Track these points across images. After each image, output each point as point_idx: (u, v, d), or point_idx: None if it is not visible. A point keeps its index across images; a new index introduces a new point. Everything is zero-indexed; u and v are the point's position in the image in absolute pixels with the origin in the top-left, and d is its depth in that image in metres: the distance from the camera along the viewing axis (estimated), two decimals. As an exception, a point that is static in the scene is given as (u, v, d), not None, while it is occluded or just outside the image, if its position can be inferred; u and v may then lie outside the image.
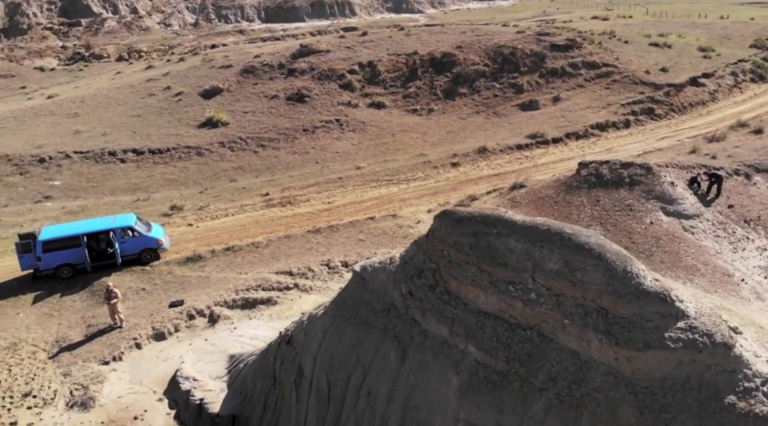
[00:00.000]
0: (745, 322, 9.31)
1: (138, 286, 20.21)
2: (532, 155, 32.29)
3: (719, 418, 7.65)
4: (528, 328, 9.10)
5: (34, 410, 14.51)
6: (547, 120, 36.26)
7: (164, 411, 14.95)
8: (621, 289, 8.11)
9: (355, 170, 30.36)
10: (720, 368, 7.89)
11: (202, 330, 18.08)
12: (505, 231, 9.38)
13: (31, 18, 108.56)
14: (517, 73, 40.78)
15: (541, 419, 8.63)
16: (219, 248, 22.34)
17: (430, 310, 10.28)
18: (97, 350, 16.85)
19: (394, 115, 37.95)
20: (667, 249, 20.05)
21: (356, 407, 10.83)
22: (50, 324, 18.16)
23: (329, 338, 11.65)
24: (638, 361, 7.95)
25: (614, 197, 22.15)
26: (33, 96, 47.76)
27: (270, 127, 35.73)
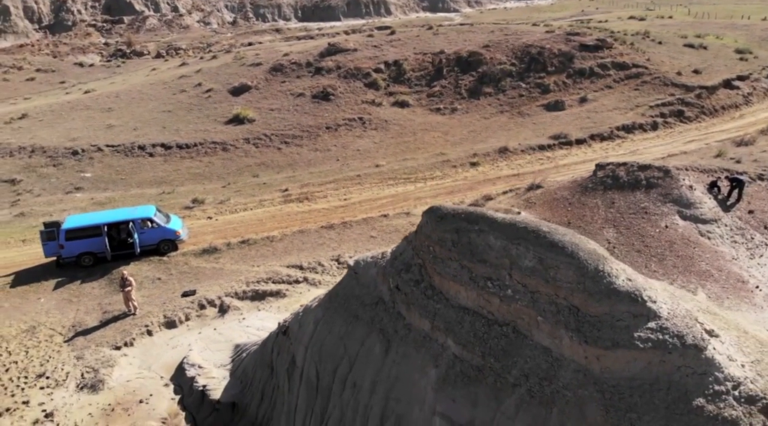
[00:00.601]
0: (729, 326, 9.18)
1: (154, 276, 20.87)
2: (553, 156, 31.99)
3: (686, 420, 7.61)
4: (504, 324, 9.17)
5: (46, 390, 15.19)
6: (572, 121, 35.83)
7: (169, 396, 15.46)
8: (592, 287, 8.12)
9: (374, 168, 30.60)
10: (690, 370, 7.83)
11: (212, 320, 18.58)
12: (485, 228, 9.47)
13: (76, 15, 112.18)
14: (544, 73, 40.39)
15: (513, 415, 8.71)
16: (234, 241, 22.87)
17: (414, 305, 10.43)
18: (110, 336, 17.50)
19: (417, 114, 38.05)
20: (680, 253, 19.71)
21: (342, 397, 11.07)
22: (69, 309, 18.93)
23: (320, 330, 11.91)
24: (607, 360, 7.96)
25: (630, 200, 21.86)
26: (71, 91, 49.50)
27: (294, 125, 36.28)
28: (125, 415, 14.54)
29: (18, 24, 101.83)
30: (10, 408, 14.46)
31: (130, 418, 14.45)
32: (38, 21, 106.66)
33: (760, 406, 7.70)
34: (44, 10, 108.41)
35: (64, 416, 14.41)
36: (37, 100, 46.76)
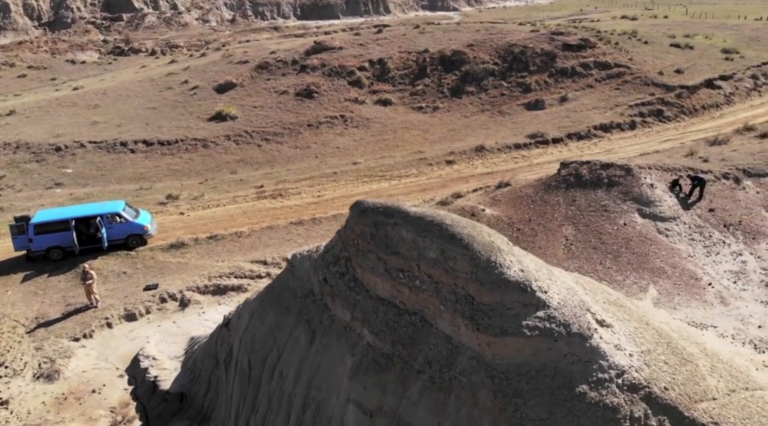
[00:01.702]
0: (632, 318, 9.46)
1: (120, 270, 21.24)
2: (529, 155, 32.25)
3: (569, 406, 7.90)
4: (413, 313, 9.48)
5: (3, 379, 15.53)
6: (551, 120, 36.08)
7: (122, 386, 15.80)
8: (484, 277, 8.41)
9: (352, 165, 30.92)
10: (575, 358, 8.12)
11: (173, 313, 18.92)
12: (399, 222, 9.77)
13: (75, 12, 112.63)
14: (526, 73, 40.62)
15: (417, 401, 9.01)
16: (203, 236, 23.21)
17: (338, 296, 10.74)
18: (71, 327, 17.86)
19: (399, 113, 38.34)
20: (636, 250, 19.97)
21: (270, 386, 11.39)
22: (34, 302, 19.30)
23: (253, 321, 12.24)
24: (497, 347, 8.25)
25: (590, 197, 22.13)
26: (61, 88, 49.93)
27: (276, 122, 36.62)
28: (77, 404, 14.89)
29: (18, 21, 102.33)
30: (-36, 396, 14.83)
31: (81, 407, 14.80)
32: (38, 18, 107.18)
33: (643, 394, 7.98)
34: (44, 8, 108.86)
35: (18, 404, 14.76)
36: (27, 96, 47.21)
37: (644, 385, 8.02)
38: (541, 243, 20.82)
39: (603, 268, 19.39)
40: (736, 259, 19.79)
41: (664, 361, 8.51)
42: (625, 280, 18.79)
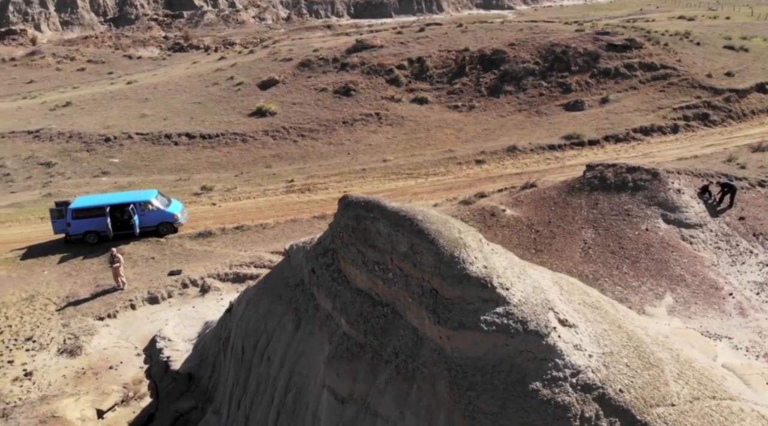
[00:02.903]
0: (605, 320, 9.42)
1: (149, 255, 22.32)
2: (562, 156, 31.78)
3: (521, 402, 8.00)
4: (386, 304, 9.75)
5: (30, 352, 16.72)
6: (589, 121, 35.37)
7: (138, 365, 16.70)
8: (446, 272, 8.60)
9: (381, 163, 31.28)
10: (531, 355, 8.21)
11: (193, 298, 19.78)
12: (378, 216, 10.05)
13: (139, 9, 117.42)
14: (567, 73, 39.93)
15: (383, 389, 9.29)
16: (229, 227, 24.08)
17: (323, 286, 11.12)
18: (97, 307, 18.97)
19: (435, 111, 38.42)
20: (656, 257, 19.50)
21: (259, 370, 11.89)
22: (67, 282, 20.57)
23: (249, 308, 12.77)
24: (455, 340, 8.43)
25: (614, 201, 21.70)
26: (116, 81, 52.42)
27: (313, 119, 37.37)
28: (93, 379, 15.86)
29: (84, 16, 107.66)
30: (-5, 365, 16.05)
31: (97, 381, 15.76)
32: (103, 14, 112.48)
33: (596, 395, 8.00)
34: (109, 4, 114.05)
35: (41, 376, 15.86)
36: (84, 89, 49.84)
37: (598, 386, 8.02)
38: (558, 245, 20.60)
39: (619, 273, 19.03)
40: (762, 270, 19.04)
41: (626, 364, 8.47)
42: (640, 286, 18.39)
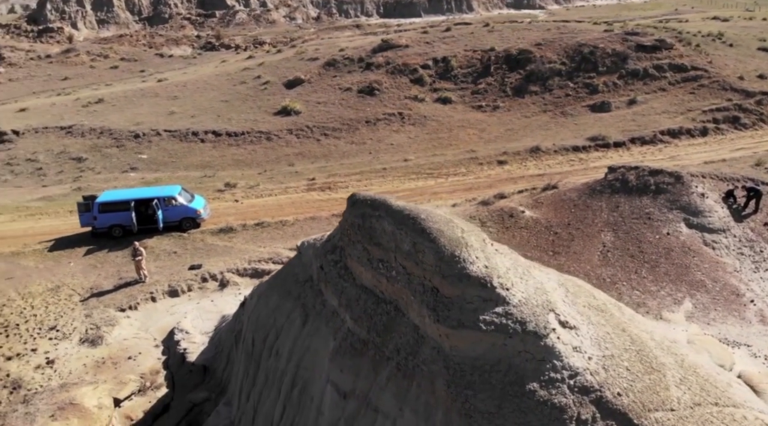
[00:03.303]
0: (608, 323, 9.35)
1: (171, 249, 22.82)
2: (586, 158, 31.40)
3: (518, 402, 8.01)
4: (389, 302, 9.85)
5: (53, 341, 17.27)
6: (615, 123, 34.87)
7: (156, 356, 17.11)
8: (446, 271, 8.65)
9: (402, 162, 31.35)
10: (529, 356, 8.21)
11: (212, 292, 20.17)
12: (383, 214, 10.15)
13: (173, 8, 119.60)
14: (594, 73, 39.40)
15: (384, 385, 9.39)
16: (250, 223, 24.46)
17: (330, 283, 11.27)
18: (119, 299, 19.49)
19: (458, 111, 38.32)
20: (676, 261, 19.19)
21: (267, 363, 12.10)
22: (91, 273, 21.18)
23: (260, 302, 13.00)
24: (454, 339, 8.48)
25: (635, 204, 21.40)
26: (147, 79, 53.57)
27: (336, 118, 37.64)
28: (112, 368, 16.31)
29: (120, 15, 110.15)
30: (20, 353, 16.60)
31: (116, 370, 16.20)
32: (138, 13, 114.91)
33: (593, 397, 7.96)
34: (144, 3, 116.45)
35: (62, 364, 16.37)
36: (116, 86, 51.07)
37: (596, 389, 7.98)
38: (576, 248, 20.40)
39: (638, 277, 18.77)
40: (786, 277, 18.56)
41: (627, 367, 8.40)
42: (659, 290, 18.12)
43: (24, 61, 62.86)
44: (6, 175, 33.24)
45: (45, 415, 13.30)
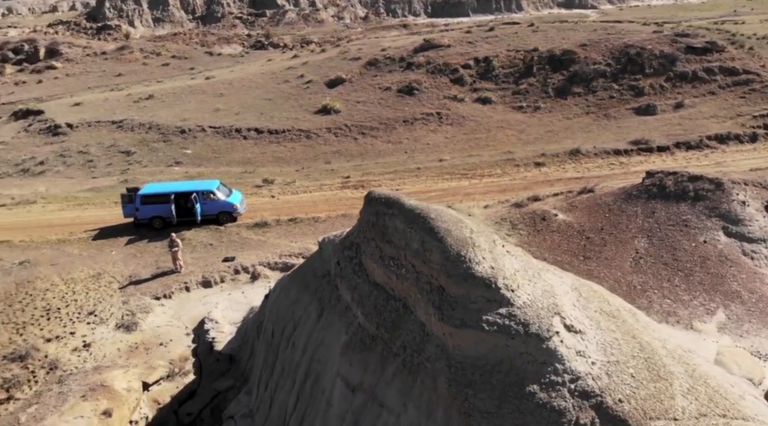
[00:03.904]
0: (618, 329, 9.23)
1: (207, 242, 23.55)
2: (628, 162, 30.68)
3: (517, 403, 8.03)
4: (398, 299, 9.99)
5: (91, 326, 18.11)
6: (660, 126, 33.91)
7: (186, 343, 17.75)
8: (452, 270, 8.72)
9: (437, 162, 31.36)
10: (531, 358, 8.21)
11: (243, 284, 20.73)
12: (396, 212, 10.29)
13: (225, 8, 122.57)
14: (640, 75, 38.42)
15: (390, 381, 9.55)
16: (284, 218, 24.99)
17: (344, 278, 11.49)
18: (155, 287, 20.27)
19: (498, 111, 38.02)
20: (711, 271, 18.59)
21: (284, 354, 12.43)
22: (131, 262, 22.08)
23: (280, 295, 13.35)
24: (457, 338, 8.55)
25: (672, 210, 20.82)
26: (196, 77, 55.18)
27: (374, 117, 37.93)
28: (144, 354, 17.02)
29: (175, 14, 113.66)
30: (59, 336, 17.49)
31: (147, 356, 16.90)
32: (192, 12, 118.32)
33: (593, 402, 7.90)
34: (198, 2, 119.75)
35: (98, 348, 17.18)
36: (166, 83, 52.82)
37: (597, 394, 7.91)
38: (608, 254, 20.00)
39: (670, 285, 18.26)
40: (830, 291, 17.71)
41: (632, 374, 8.29)
42: (692, 300, 17.59)
43: (81, 58, 65.72)
44: (59, 166, 34.91)
45: (77, 395, 14.01)
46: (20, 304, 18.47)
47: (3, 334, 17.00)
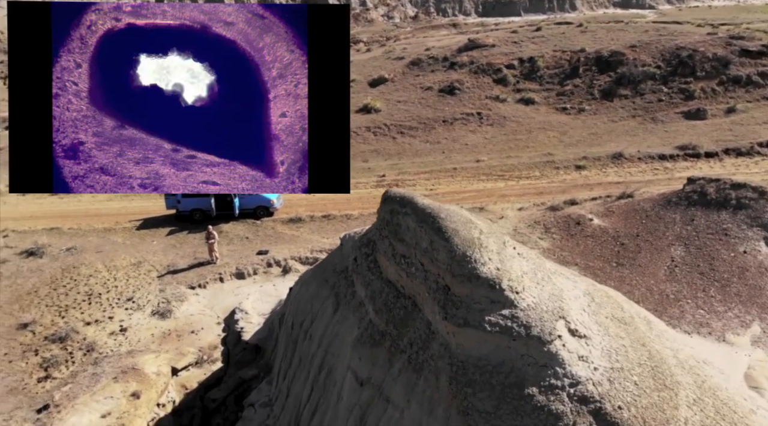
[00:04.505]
0: (628, 336, 9.11)
1: (243, 235, 24.23)
2: (673, 167, 29.77)
3: (515, 404, 8.05)
4: (408, 297, 10.13)
5: (129, 311, 18.99)
6: (710, 132, 32.72)
7: (216, 332, 18.37)
8: (457, 270, 8.79)
9: (474, 163, 31.21)
10: (532, 360, 8.20)
11: (275, 277, 21.27)
12: (409, 211, 10.42)
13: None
14: (691, 78, 37.14)
15: (396, 377, 9.70)
16: (318, 215, 25.46)
17: (360, 274, 11.70)
18: (191, 277, 21.03)
19: (540, 112, 37.48)
20: (750, 282, 17.91)
21: (302, 346, 12.75)
22: (171, 252, 22.95)
23: (302, 289, 13.68)
24: (460, 337, 8.62)
25: (712, 219, 20.14)
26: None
27: (414, 117, 38.01)
28: (176, 340, 17.72)
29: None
30: (98, 320, 18.43)
31: (178, 342, 17.59)
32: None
33: (592, 408, 7.83)
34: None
35: (133, 333, 18.00)
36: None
37: (596, 400, 7.84)
38: (642, 261, 19.53)
39: (705, 295, 17.70)
40: None
41: (635, 382, 8.17)
42: (726, 311, 17.00)
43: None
44: (111, 159, 36.46)
45: (109, 376, 14.74)
46: (64, 289, 19.49)
47: (46, 316, 18.01)
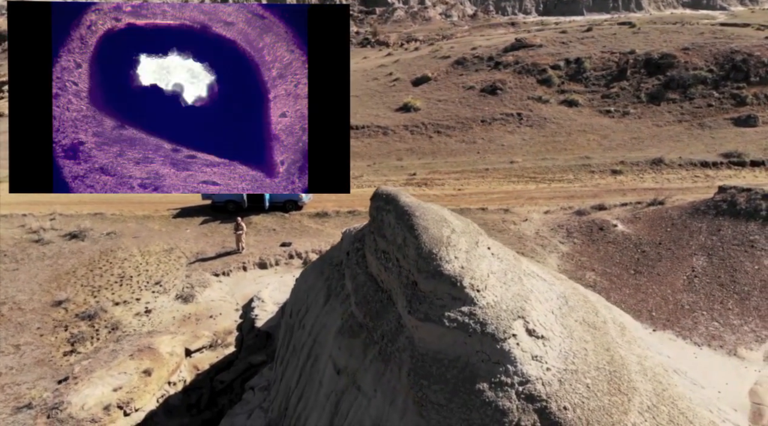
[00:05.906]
0: (594, 341, 9.15)
1: (271, 227, 25.08)
2: (715, 175, 28.69)
3: (466, 398, 8.30)
4: (385, 291, 10.48)
5: (155, 294, 20.11)
6: (759, 139, 31.30)
7: (234, 318, 19.22)
8: (423, 266, 9.07)
9: (507, 164, 31.03)
10: (485, 356, 8.42)
11: (295, 268, 21.96)
12: (391, 208, 10.76)
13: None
14: (744, 83, 35.55)
15: (368, 367, 10.09)
16: (344, 210, 26.02)
17: (349, 268, 12.13)
18: (216, 265, 22.00)
19: (583, 115, 36.76)
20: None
21: (296, 334, 13.31)
22: (201, 241, 24.05)
23: (301, 280, 14.22)
24: (421, 331, 8.92)
25: (739, 229, 19.48)
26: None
27: (452, 116, 38.05)
28: (194, 323, 18.66)
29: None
30: (126, 301, 19.62)
31: (196, 326, 18.51)
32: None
33: (538, 406, 7.98)
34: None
35: (157, 315, 19.07)
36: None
37: (543, 399, 7.98)
38: (661, 269, 19.09)
39: (722, 308, 17.16)
40: None
41: (588, 385, 8.24)
42: (742, 325, 16.45)
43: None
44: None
45: (126, 354, 15.76)
46: (100, 270, 20.82)
47: (80, 295, 19.33)
